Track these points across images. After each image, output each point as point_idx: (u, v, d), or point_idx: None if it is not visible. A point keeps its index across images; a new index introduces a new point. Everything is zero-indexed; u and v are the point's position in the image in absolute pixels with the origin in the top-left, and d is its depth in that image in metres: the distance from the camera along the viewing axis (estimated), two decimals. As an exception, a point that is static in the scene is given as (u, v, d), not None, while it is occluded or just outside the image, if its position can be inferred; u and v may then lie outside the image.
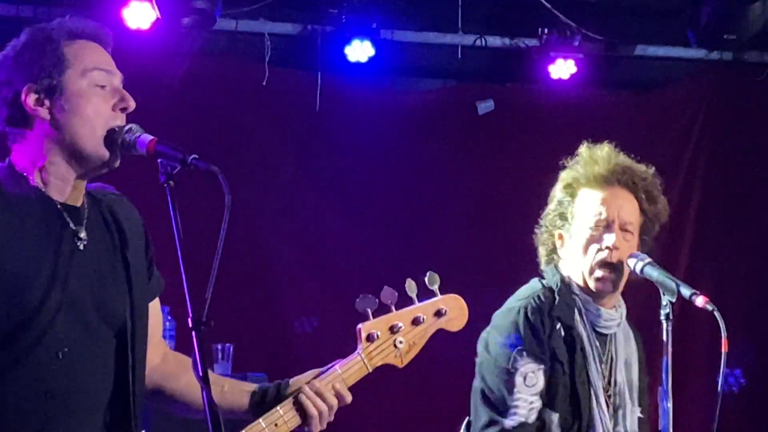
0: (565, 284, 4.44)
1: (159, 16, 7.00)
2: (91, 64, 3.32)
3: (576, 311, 4.37)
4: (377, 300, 3.54)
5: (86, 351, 3.31)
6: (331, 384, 3.50)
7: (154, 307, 3.60)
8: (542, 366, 4.30)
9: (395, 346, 3.58)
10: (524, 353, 4.29)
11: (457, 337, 3.99)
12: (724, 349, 3.88)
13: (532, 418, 4.29)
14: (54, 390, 3.24)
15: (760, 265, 8.75)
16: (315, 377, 3.58)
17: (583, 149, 4.47)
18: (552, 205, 4.50)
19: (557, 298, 4.39)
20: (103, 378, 3.34)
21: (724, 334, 3.87)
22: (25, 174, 3.36)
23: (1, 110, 3.33)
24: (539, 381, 4.29)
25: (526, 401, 4.30)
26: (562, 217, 4.44)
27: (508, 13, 8.18)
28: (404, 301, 3.54)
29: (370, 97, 8.07)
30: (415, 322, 3.60)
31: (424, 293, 3.59)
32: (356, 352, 3.54)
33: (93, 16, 6.79)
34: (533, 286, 4.49)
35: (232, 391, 3.50)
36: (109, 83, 3.34)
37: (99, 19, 4.05)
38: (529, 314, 4.32)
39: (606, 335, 4.41)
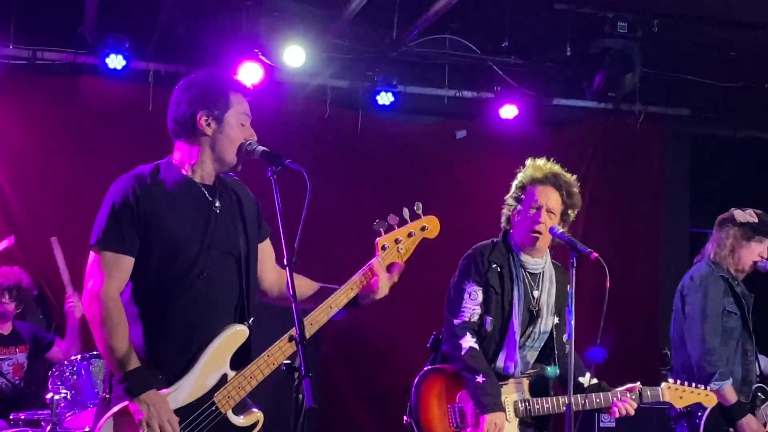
0: (505, 242, 4.88)
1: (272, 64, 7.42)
2: (241, 110, 3.74)
3: (510, 258, 4.83)
4: (386, 222, 3.86)
5: (218, 273, 3.68)
6: (362, 276, 3.82)
7: (266, 245, 3.92)
8: (481, 287, 4.76)
9: (398, 251, 3.88)
10: (471, 280, 4.79)
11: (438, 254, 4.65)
12: (608, 284, 4.26)
13: (474, 318, 4.74)
14: (199, 299, 3.63)
15: (625, 246, 9.14)
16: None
17: (529, 161, 4.96)
18: (512, 193, 4.93)
19: (494, 249, 4.85)
20: (229, 289, 3.72)
21: (608, 274, 4.24)
22: (179, 165, 3.75)
23: (179, 119, 3.73)
24: (479, 296, 4.76)
25: (469, 308, 4.75)
26: (517, 201, 4.88)
27: (475, 77, 8.62)
28: (402, 222, 3.86)
29: (391, 126, 8.72)
30: (410, 235, 3.91)
31: (414, 216, 3.91)
32: (376, 257, 3.86)
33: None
34: (486, 242, 4.93)
35: (312, 286, 3.89)
36: (247, 123, 3.76)
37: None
38: (474, 257, 4.82)
39: (536, 273, 4.86)
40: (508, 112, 8.59)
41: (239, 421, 3.69)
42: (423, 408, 4.70)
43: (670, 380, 5.04)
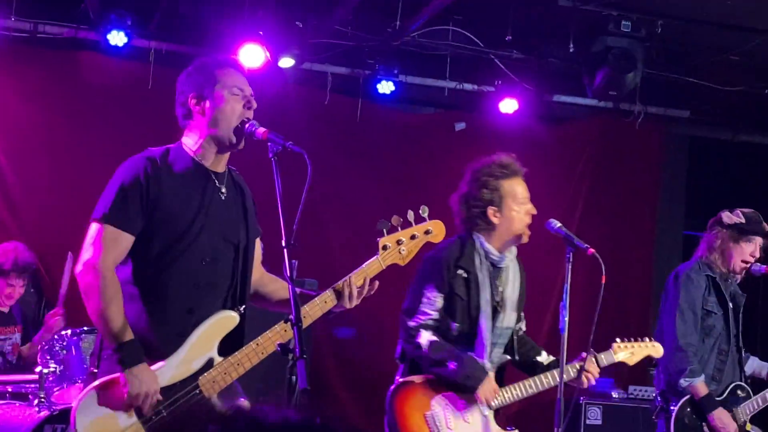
0: (472, 242, 4.77)
1: (266, 58, 7.41)
2: (231, 82, 3.77)
3: (477, 259, 4.76)
4: (389, 223, 3.89)
5: (219, 259, 3.77)
6: (358, 275, 3.84)
7: (256, 245, 3.98)
8: (443, 294, 4.73)
9: (400, 252, 3.92)
10: (432, 285, 4.74)
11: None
12: (603, 281, 4.32)
13: (429, 323, 4.70)
14: (200, 282, 3.72)
15: (619, 246, 8.99)
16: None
17: (489, 158, 4.93)
18: (480, 192, 4.79)
19: (462, 254, 4.75)
20: (227, 275, 3.80)
21: (603, 271, 4.31)
22: (188, 151, 3.81)
23: (179, 108, 3.85)
24: (437, 302, 4.73)
25: (426, 313, 4.72)
26: (493, 198, 4.78)
27: (476, 69, 8.65)
28: (406, 224, 3.93)
29: (390, 116, 8.77)
30: (413, 237, 3.95)
31: (419, 219, 3.97)
32: (376, 256, 3.89)
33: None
34: (452, 245, 4.78)
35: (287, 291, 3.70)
36: (243, 92, 3.76)
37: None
38: (440, 262, 4.71)
39: (502, 268, 4.85)
40: (508, 106, 8.59)
41: (223, 408, 3.64)
42: (401, 423, 4.68)
43: (618, 340, 5.04)
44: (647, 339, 5.14)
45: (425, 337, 4.65)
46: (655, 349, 5.18)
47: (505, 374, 4.93)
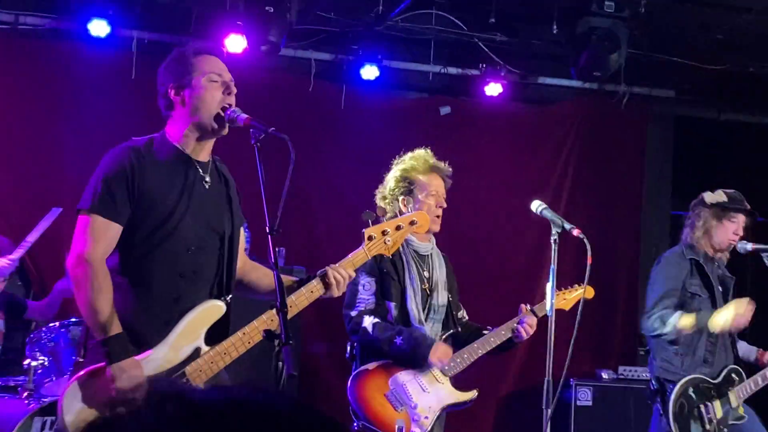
0: None
1: (247, 46, 7.40)
2: (208, 68, 3.76)
3: (401, 246, 4.85)
4: (374, 213, 4.03)
5: (204, 249, 3.78)
6: (345, 264, 3.89)
7: (240, 233, 4.01)
8: (374, 278, 4.92)
9: (385, 243, 3.97)
10: (363, 272, 4.88)
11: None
12: (589, 261, 4.39)
13: (370, 307, 4.88)
14: (185, 272, 3.74)
15: (606, 227, 8.99)
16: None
17: (409, 155, 5.21)
18: (397, 185, 5.06)
19: None
20: (213, 264, 3.82)
21: (589, 252, 4.37)
22: (172, 140, 3.82)
23: (160, 100, 3.87)
24: (372, 287, 4.91)
25: (364, 299, 4.89)
26: (408, 191, 5.03)
27: (460, 53, 8.61)
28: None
29: (375, 101, 8.67)
30: (398, 228, 4.01)
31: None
32: (361, 246, 3.94)
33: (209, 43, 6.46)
34: None
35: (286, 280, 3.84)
36: (221, 78, 3.75)
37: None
38: None
39: (426, 255, 5.09)
40: (493, 89, 8.58)
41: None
42: (366, 407, 4.81)
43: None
44: (576, 285, 5.25)
45: (368, 321, 4.81)
46: (587, 291, 5.20)
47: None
